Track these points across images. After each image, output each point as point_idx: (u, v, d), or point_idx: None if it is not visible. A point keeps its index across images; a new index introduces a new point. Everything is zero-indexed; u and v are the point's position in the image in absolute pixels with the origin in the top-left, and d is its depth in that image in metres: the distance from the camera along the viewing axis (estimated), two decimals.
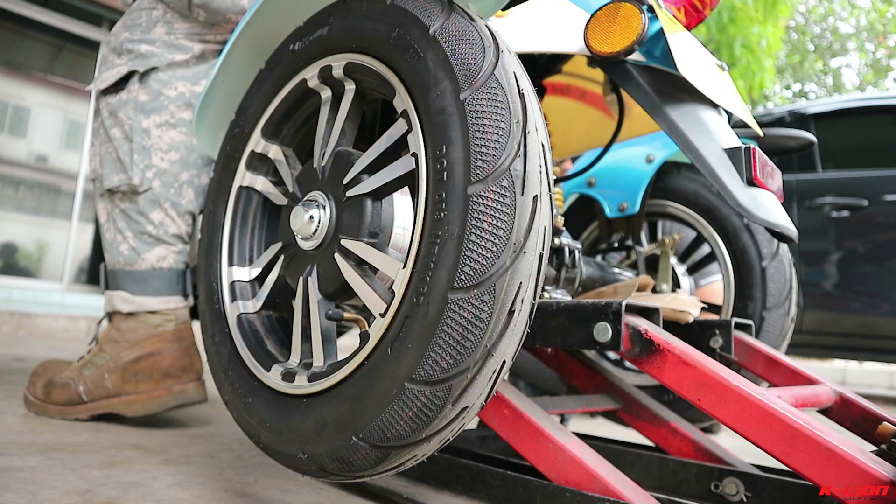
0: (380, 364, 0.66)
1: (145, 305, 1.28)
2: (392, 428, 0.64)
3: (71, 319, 3.85)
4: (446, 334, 0.61)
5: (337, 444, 0.68)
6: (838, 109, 3.30)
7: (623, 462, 1.16)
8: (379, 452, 0.66)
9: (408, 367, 0.63)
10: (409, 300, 0.65)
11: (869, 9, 13.03)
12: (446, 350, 0.61)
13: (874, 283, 2.85)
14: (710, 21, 5.78)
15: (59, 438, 1.11)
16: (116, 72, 1.31)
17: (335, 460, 0.69)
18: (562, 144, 1.61)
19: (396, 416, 0.63)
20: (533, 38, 0.96)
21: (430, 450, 0.68)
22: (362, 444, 0.66)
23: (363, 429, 0.65)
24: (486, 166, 0.62)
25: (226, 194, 0.97)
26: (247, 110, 0.97)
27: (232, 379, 0.85)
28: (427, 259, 0.64)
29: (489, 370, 0.63)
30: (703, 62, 0.95)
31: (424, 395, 0.62)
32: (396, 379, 0.63)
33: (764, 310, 1.37)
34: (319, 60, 0.87)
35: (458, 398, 0.63)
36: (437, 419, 0.63)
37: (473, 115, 0.64)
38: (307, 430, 0.71)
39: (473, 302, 0.61)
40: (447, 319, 0.61)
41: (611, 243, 1.60)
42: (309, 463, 0.71)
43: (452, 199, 0.63)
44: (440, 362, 0.61)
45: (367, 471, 0.68)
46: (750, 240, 1.42)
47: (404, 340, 0.64)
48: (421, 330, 0.62)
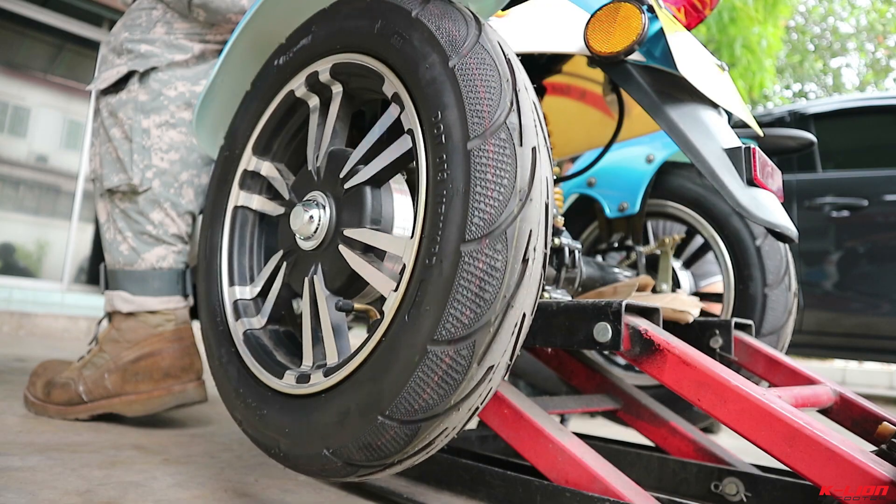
0: (398, 335, 0.65)
1: (145, 305, 1.28)
2: (419, 398, 0.63)
3: (71, 319, 3.85)
4: (464, 288, 0.61)
5: (363, 428, 0.66)
6: (838, 109, 3.30)
7: (623, 462, 1.16)
8: (408, 429, 0.64)
9: (428, 330, 0.62)
10: (421, 264, 0.65)
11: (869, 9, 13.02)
12: (466, 305, 0.61)
13: (874, 283, 2.85)
14: (710, 21, 5.77)
15: (59, 438, 1.11)
16: (116, 72, 1.31)
17: (362, 448, 0.67)
18: (562, 144, 1.61)
19: (422, 383, 0.62)
20: (533, 38, 0.96)
21: (460, 421, 0.66)
22: (390, 422, 0.64)
23: (389, 405, 0.64)
24: (482, 122, 0.64)
25: (221, 216, 0.96)
26: (236, 132, 0.98)
27: (244, 395, 0.83)
28: (434, 220, 0.64)
29: (510, 324, 0.63)
30: (703, 62, 0.95)
31: (448, 356, 0.61)
32: (417, 345, 0.63)
33: (766, 287, 1.39)
34: (305, 69, 0.88)
35: (484, 356, 0.62)
36: (465, 381, 0.62)
37: (464, 79, 0.66)
38: (329, 423, 0.70)
39: (487, 252, 0.61)
40: (463, 273, 0.61)
41: (611, 243, 1.60)
42: (335, 459, 0.70)
43: (453, 158, 0.64)
44: (461, 318, 0.61)
45: (396, 454, 0.66)
46: (742, 224, 1.44)
47: (421, 304, 0.63)
48: (437, 289, 0.62)
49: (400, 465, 0.68)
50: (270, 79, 0.94)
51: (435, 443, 0.67)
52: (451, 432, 0.67)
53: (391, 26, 0.74)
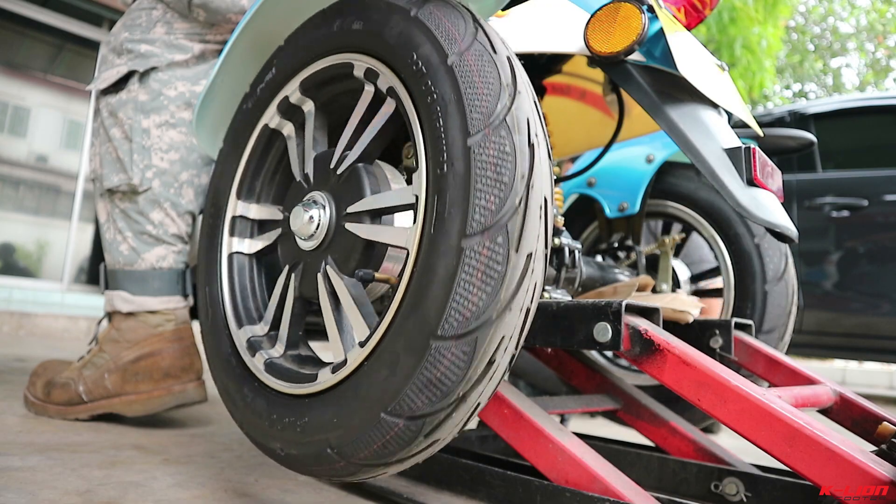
0: (431, 247, 0.66)
1: (145, 305, 1.28)
2: (468, 303, 0.63)
3: (71, 319, 3.85)
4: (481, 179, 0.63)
5: (418, 364, 0.63)
6: (838, 109, 3.30)
7: (623, 462, 1.16)
8: (465, 344, 0.62)
9: (459, 225, 0.63)
10: (433, 172, 0.67)
11: (869, 9, 13.03)
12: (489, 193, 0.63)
13: (874, 283, 2.85)
14: (710, 21, 5.77)
15: (59, 438, 1.11)
16: (116, 72, 1.31)
17: (424, 388, 0.64)
18: (562, 144, 1.61)
19: (468, 285, 0.62)
20: (533, 38, 0.96)
21: (514, 326, 0.64)
22: (444, 343, 0.63)
23: (437, 325, 0.63)
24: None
25: (216, 266, 0.96)
26: (219, 192, 0.99)
27: (279, 419, 0.79)
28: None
29: (535, 207, 0.64)
30: (703, 62, 0.95)
31: (485, 247, 0.63)
32: (453, 243, 0.63)
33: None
34: (274, 98, 0.93)
35: (520, 240, 0.63)
36: (508, 273, 0.62)
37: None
38: (381, 379, 0.67)
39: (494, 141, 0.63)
40: (477, 169, 0.63)
41: (611, 243, 1.60)
42: (396, 419, 0.65)
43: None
44: (487, 206, 0.63)
45: (461, 382, 0.64)
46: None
47: (444, 210, 0.65)
48: (457, 188, 0.64)
49: (464, 400, 0.65)
50: (242, 125, 0.98)
51: (496, 360, 0.64)
52: (507, 343, 0.65)
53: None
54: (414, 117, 0.71)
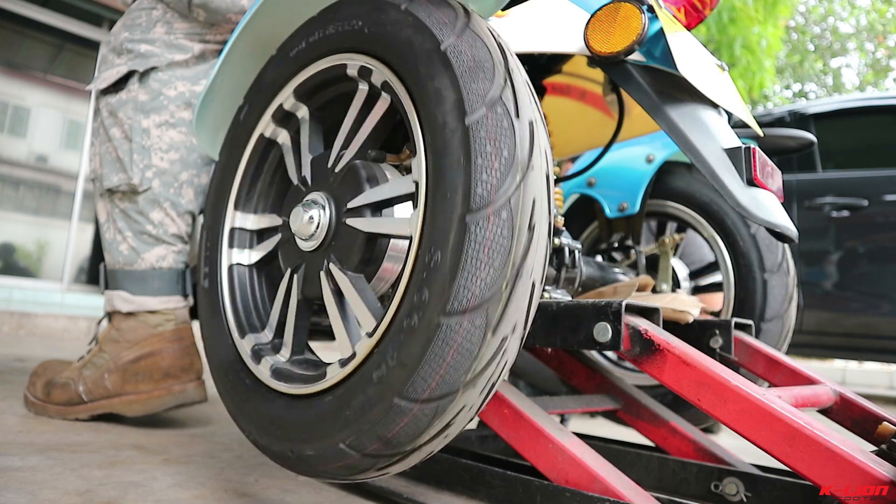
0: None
1: (145, 305, 1.28)
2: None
3: (71, 319, 3.85)
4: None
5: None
6: (838, 109, 3.30)
7: (623, 462, 1.16)
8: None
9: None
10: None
11: (869, 9, 13.03)
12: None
13: (874, 283, 2.85)
14: (710, 21, 5.77)
15: (59, 438, 1.11)
16: (116, 71, 1.31)
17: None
18: (562, 144, 1.61)
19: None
20: (533, 38, 0.96)
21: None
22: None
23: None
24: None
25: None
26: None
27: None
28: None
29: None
30: (703, 62, 0.95)
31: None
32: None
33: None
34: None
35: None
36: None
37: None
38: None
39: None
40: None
41: (611, 243, 1.60)
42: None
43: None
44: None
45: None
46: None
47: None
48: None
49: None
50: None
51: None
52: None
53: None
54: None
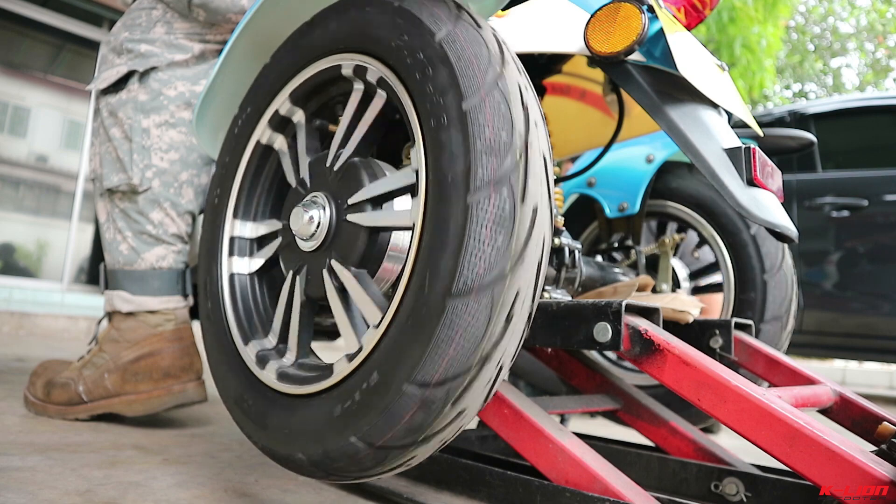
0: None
1: (145, 305, 1.28)
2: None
3: (71, 319, 3.85)
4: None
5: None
6: (838, 109, 3.31)
7: (623, 462, 1.16)
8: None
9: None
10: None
11: (869, 9, 13.03)
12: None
13: (874, 283, 2.85)
14: (710, 21, 5.77)
15: (59, 438, 1.11)
16: (116, 71, 1.31)
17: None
18: (562, 144, 1.61)
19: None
20: (533, 38, 0.96)
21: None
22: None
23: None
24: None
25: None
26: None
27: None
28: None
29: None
30: (703, 62, 0.95)
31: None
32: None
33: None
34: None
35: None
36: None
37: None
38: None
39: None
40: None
41: (611, 243, 1.60)
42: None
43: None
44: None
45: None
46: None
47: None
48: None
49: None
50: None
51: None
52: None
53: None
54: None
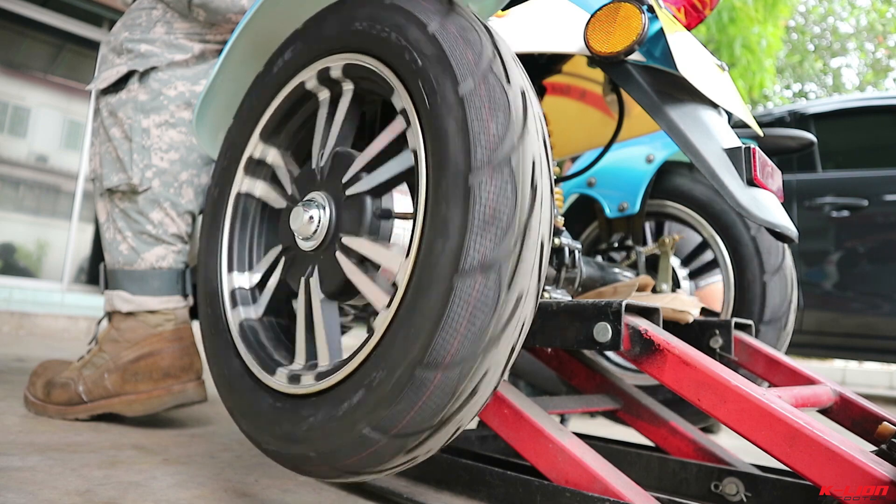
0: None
1: (145, 305, 1.28)
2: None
3: (71, 319, 3.85)
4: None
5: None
6: (838, 109, 3.31)
7: (623, 462, 1.16)
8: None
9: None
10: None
11: (869, 9, 13.03)
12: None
13: (874, 283, 2.85)
14: (710, 21, 5.77)
15: (59, 438, 1.11)
16: (116, 71, 1.31)
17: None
18: (562, 144, 1.61)
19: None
20: (533, 38, 0.96)
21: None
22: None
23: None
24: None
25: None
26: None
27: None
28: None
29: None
30: (703, 62, 0.95)
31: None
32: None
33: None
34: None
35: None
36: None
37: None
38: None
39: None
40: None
41: (611, 243, 1.60)
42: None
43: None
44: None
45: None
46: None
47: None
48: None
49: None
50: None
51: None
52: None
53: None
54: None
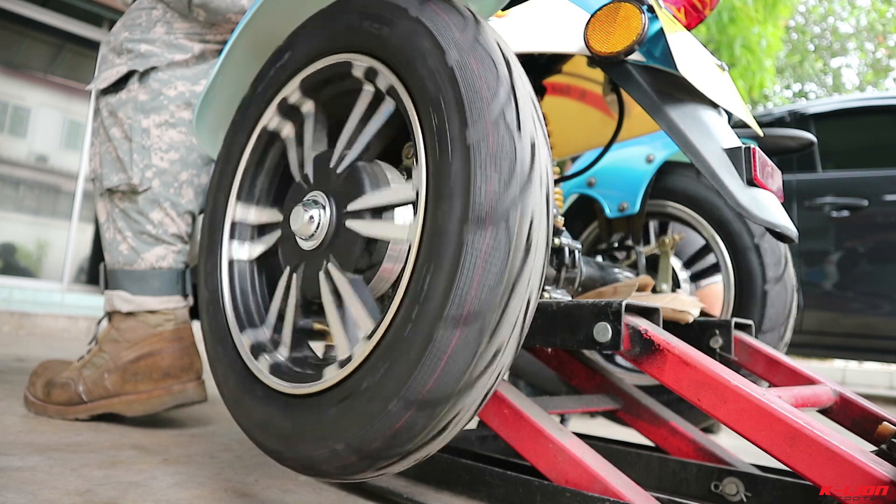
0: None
1: (145, 305, 1.28)
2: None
3: (71, 319, 3.85)
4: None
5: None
6: (838, 109, 3.31)
7: (623, 462, 1.16)
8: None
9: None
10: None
11: (869, 9, 13.03)
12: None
13: (874, 283, 2.85)
14: (710, 21, 5.77)
15: (59, 438, 1.11)
16: (116, 71, 1.31)
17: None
18: (562, 144, 1.61)
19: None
20: (533, 38, 0.96)
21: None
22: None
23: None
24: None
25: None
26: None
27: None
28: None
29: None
30: (703, 62, 0.95)
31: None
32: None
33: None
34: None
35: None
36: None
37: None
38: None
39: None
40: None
41: (611, 243, 1.60)
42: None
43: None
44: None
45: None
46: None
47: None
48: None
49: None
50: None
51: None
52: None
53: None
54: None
